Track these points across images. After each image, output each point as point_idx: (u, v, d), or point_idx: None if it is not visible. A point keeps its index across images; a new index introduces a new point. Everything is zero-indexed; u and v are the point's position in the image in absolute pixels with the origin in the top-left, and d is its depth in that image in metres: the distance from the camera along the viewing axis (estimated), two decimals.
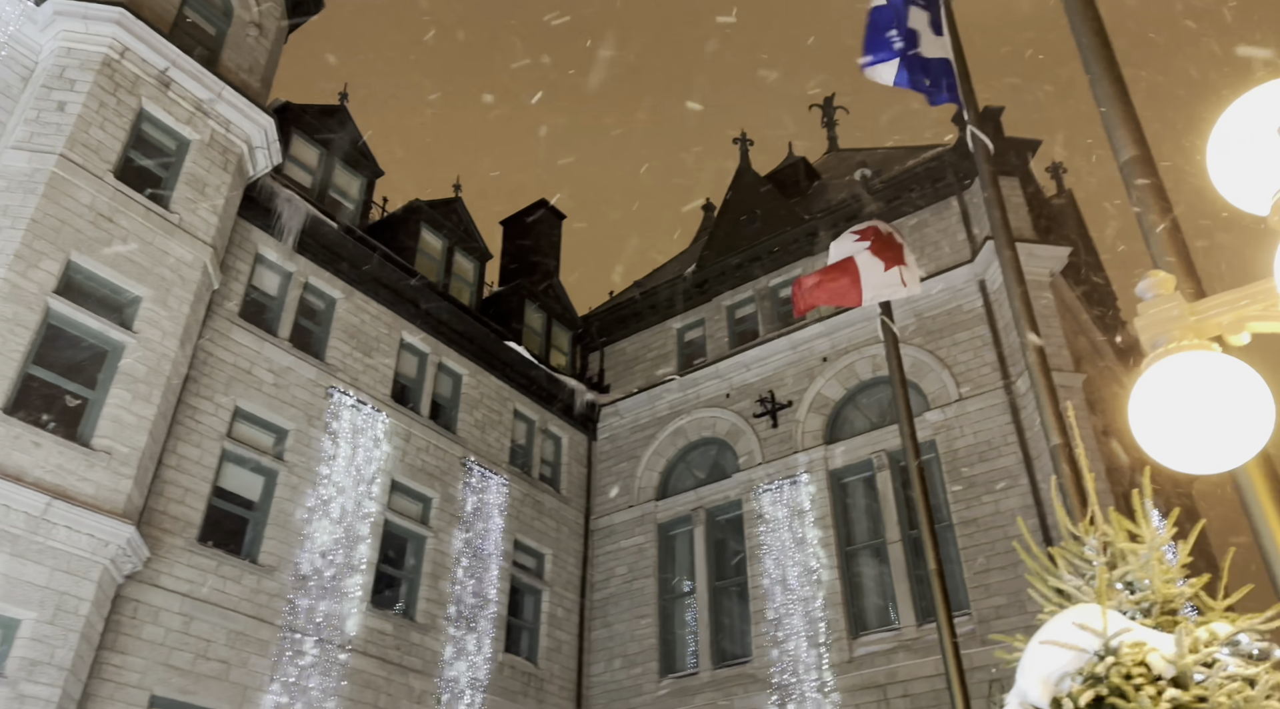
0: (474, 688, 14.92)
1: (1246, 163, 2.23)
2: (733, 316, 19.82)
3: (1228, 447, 2.18)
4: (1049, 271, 15.99)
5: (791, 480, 16.67)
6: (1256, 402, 2.13)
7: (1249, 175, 2.27)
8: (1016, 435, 14.96)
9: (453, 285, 18.39)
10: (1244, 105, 2.21)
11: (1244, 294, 2.22)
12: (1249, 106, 2.20)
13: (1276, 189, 2.20)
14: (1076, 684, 2.73)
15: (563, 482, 18.85)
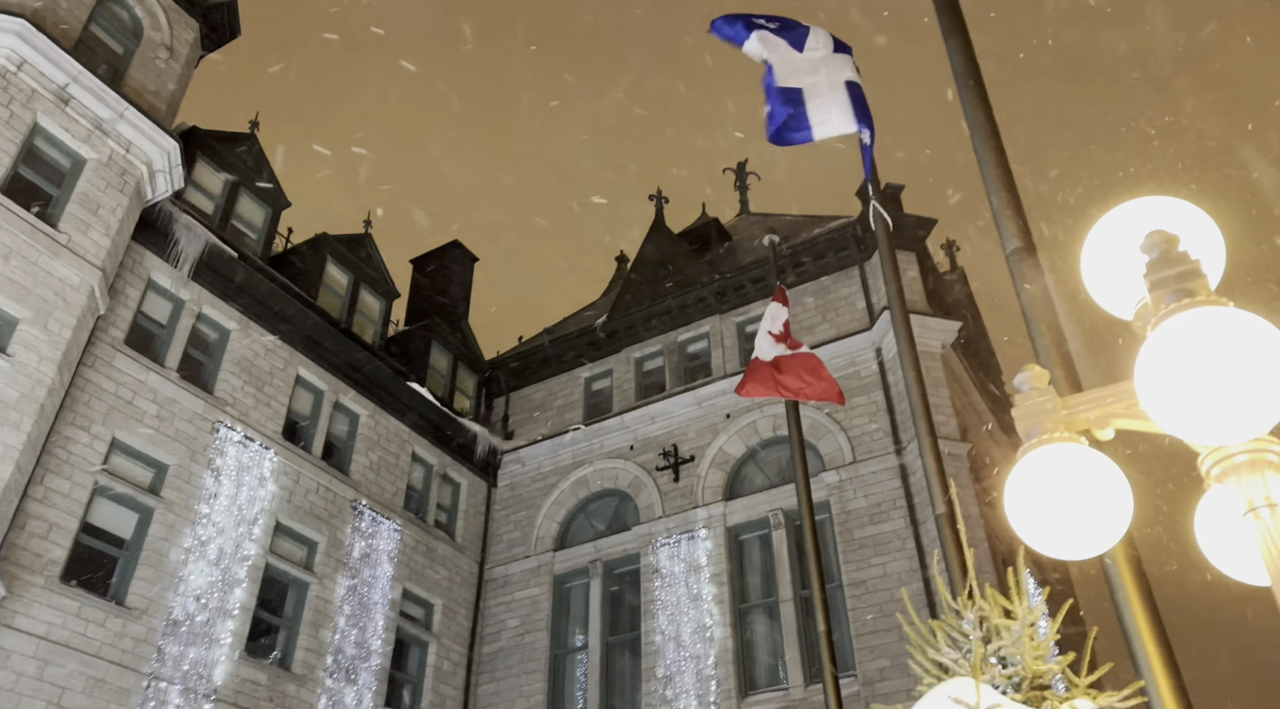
0: None
1: (1113, 273, 2.44)
2: (641, 369, 19.99)
3: (1091, 534, 2.34)
4: (940, 343, 16.76)
5: (690, 535, 16.76)
6: (1117, 493, 2.30)
7: (1116, 284, 2.48)
8: (905, 500, 15.46)
9: (356, 322, 18.00)
10: (1110, 221, 2.43)
11: (1109, 393, 2.41)
12: (1115, 222, 2.42)
13: (1139, 298, 2.41)
14: None
15: (459, 529, 18.45)
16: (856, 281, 18.13)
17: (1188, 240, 2.25)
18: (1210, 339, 1.91)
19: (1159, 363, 1.99)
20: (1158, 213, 2.37)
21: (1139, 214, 2.40)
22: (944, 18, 5.35)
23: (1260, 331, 1.90)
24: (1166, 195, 2.41)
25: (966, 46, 5.14)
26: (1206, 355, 1.91)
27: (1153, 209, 2.38)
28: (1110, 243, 2.43)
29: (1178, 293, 2.08)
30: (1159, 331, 2.02)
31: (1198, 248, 2.26)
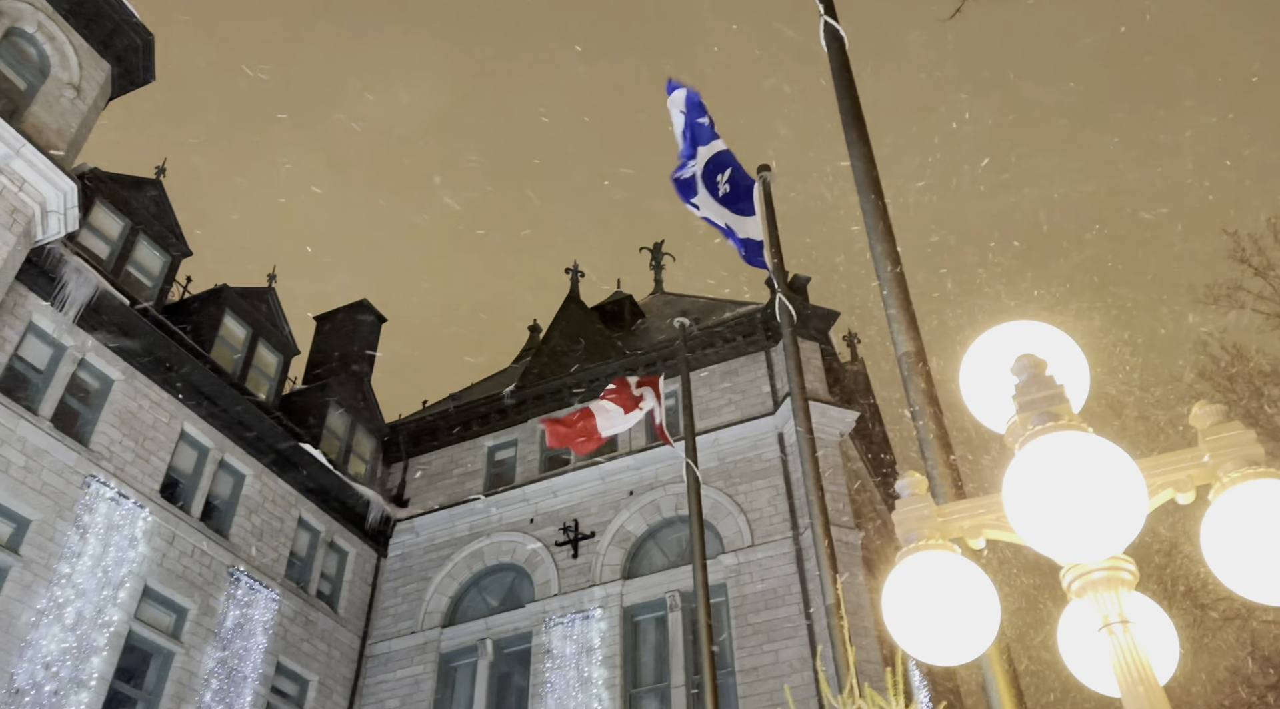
0: None
1: (988, 391, 2.59)
2: (546, 441, 19.79)
3: (960, 641, 2.42)
4: (839, 432, 17.20)
5: (585, 615, 16.44)
6: (984, 602, 2.39)
7: (990, 401, 2.63)
8: (800, 586, 15.58)
9: (251, 378, 17.35)
10: (986, 341, 2.59)
11: (981, 504, 2.52)
12: (990, 343, 2.58)
13: (1009, 416, 2.56)
14: None
15: (342, 600, 17.62)
16: (763, 366, 18.55)
17: (1055, 365, 2.41)
18: (1069, 463, 2.04)
19: (1023, 482, 2.11)
20: (1029, 337, 2.54)
21: (1012, 337, 2.56)
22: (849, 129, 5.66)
23: (1114, 458, 2.05)
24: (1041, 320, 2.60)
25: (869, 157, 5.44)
26: (1065, 478, 2.03)
27: (1024, 333, 2.55)
28: (985, 362, 2.59)
29: (1043, 416, 2.22)
30: (1024, 453, 2.14)
31: (1064, 372, 2.43)
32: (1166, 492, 2.28)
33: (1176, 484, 2.27)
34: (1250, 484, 2.09)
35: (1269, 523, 2.05)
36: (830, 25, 5.78)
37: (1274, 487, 2.07)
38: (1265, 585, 2.09)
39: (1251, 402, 18.01)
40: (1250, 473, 2.11)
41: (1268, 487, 2.07)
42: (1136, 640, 2.13)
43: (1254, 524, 2.07)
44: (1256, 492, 2.08)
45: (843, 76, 5.72)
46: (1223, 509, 2.13)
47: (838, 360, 19.72)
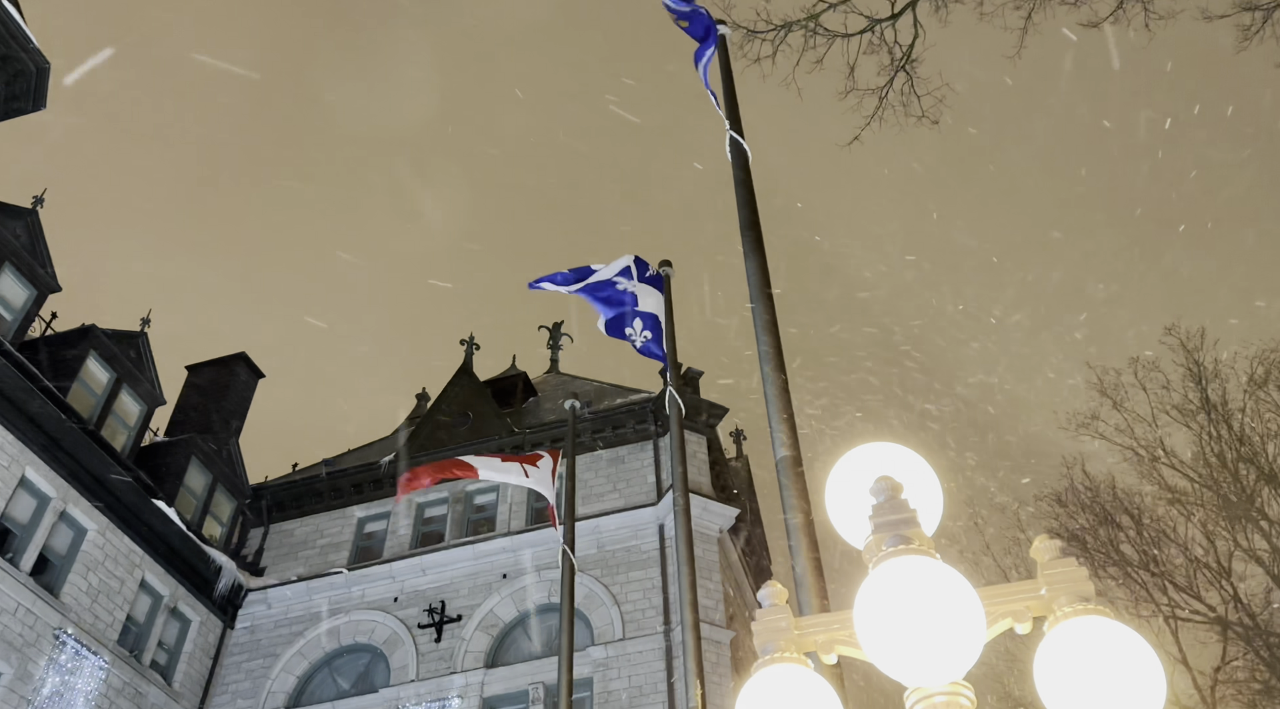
0: None
1: (849, 508, 2.67)
2: (421, 516, 19.16)
3: None
4: (719, 527, 17.31)
5: (442, 704, 15.68)
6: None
7: (852, 517, 2.71)
8: (666, 683, 15.34)
9: (108, 426, 16.26)
10: (849, 461, 2.68)
11: (836, 619, 2.57)
12: (853, 462, 2.67)
13: (867, 533, 2.63)
14: None
15: (178, 673, 16.26)
16: (650, 456, 18.61)
17: (911, 488, 2.51)
18: (914, 588, 2.11)
19: (872, 604, 2.17)
20: (889, 459, 2.64)
21: (873, 458, 2.67)
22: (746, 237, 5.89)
23: (957, 587, 2.13)
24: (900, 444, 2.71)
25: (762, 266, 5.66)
26: (910, 603, 2.10)
27: (885, 455, 2.66)
28: (848, 480, 2.68)
29: (895, 538, 2.30)
30: (874, 574, 2.21)
31: (919, 495, 2.53)
32: (1005, 620, 2.38)
33: (1015, 614, 2.37)
34: (1078, 620, 2.21)
35: (1094, 658, 2.16)
36: (735, 139, 6.09)
37: (1100, 624, 2.18)
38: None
39: (1102, 527, 19.12)
40: (1080, 609, 2.22)
41: (1094, 624, 2.19)
42: None
43: (1080, 658, 2.17)
44: (1084, 628, 2.19)
45: (744, 188, 5.98)
46: (1054, 642, 2.23)
47: (723, 456, 19.98)
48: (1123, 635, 2.14)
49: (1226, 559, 17.78)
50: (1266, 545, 17.31)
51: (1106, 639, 2.14)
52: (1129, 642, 2.14)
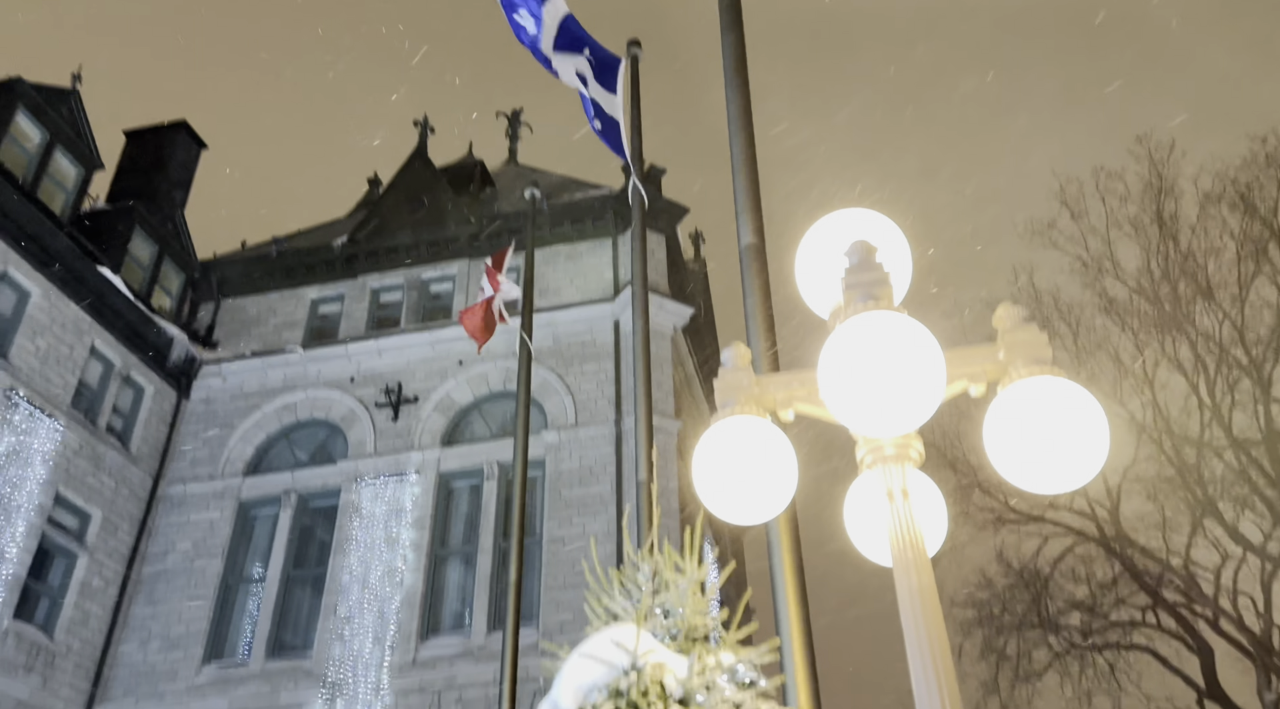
0: None
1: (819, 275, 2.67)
2: (376, 300, 19.11)
3: (760, 501, 2.56)
4: (673, 325, 17.62)
5: (399, 477, 16.35)
6: (786, 468, 2.53)
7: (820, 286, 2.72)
8: (615, 467, 16.13)
9: (45, 188, 15.52)
10: (823, 226, 2.66)
11: (796, 378, 2.64)
12: (826, 228, 2.65)
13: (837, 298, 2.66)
14: (602, 698, 3.00)
15: (135, 438, 16.58)
16: (608, 253, 18.54)
17: (884, 253, 2.51)
18: (881, 340, 2.15)
19: (837, 355, 2.22)
20: (863, 224, 2.62)
21: (848, 223, 2.64)
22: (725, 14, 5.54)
23: (922, 340, 2.17)
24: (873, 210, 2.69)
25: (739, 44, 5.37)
26: (876, 354, 2.15)
27: (860, 221, 2.64)
28: (820, 246, 2.66)
29: (865, 296, 2.32)
30: (841, 328, 2.24)
31: (891, 262, 2.54)
32: (961, 382, 2.46)
33: (971, 376, 2.45)
34: (1033, 379, 2.29)
35: (1045, 416, 2.26)
36: None
37: (1054, 383, 2.27)
38: (1035, 474, 2.32)
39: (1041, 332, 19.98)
40: (1036, 369, 2.30)
41: (1049, 383, 2.27)
42: (913, 512, 2.32)
43: (1032, 417, 2.27)
44: (1038, 387, 2.28)
45: None
46: (1006, 401, 2.32)
47: (681, 257, 20.00)
48: (1073, 394, 2.23)
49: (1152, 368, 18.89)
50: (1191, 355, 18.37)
51: (1057, 397, 2.23)
52: (1079, 400, 2.23)
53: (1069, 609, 20.07)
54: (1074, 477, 2.26)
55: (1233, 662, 18.39)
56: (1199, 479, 18.11)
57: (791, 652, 3.31)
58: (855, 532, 2.76)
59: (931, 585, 2.23)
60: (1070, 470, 2.25)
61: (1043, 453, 2.26)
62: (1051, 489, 2.32)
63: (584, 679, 3.09)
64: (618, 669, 3.06)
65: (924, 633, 2.16)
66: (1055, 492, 2.32)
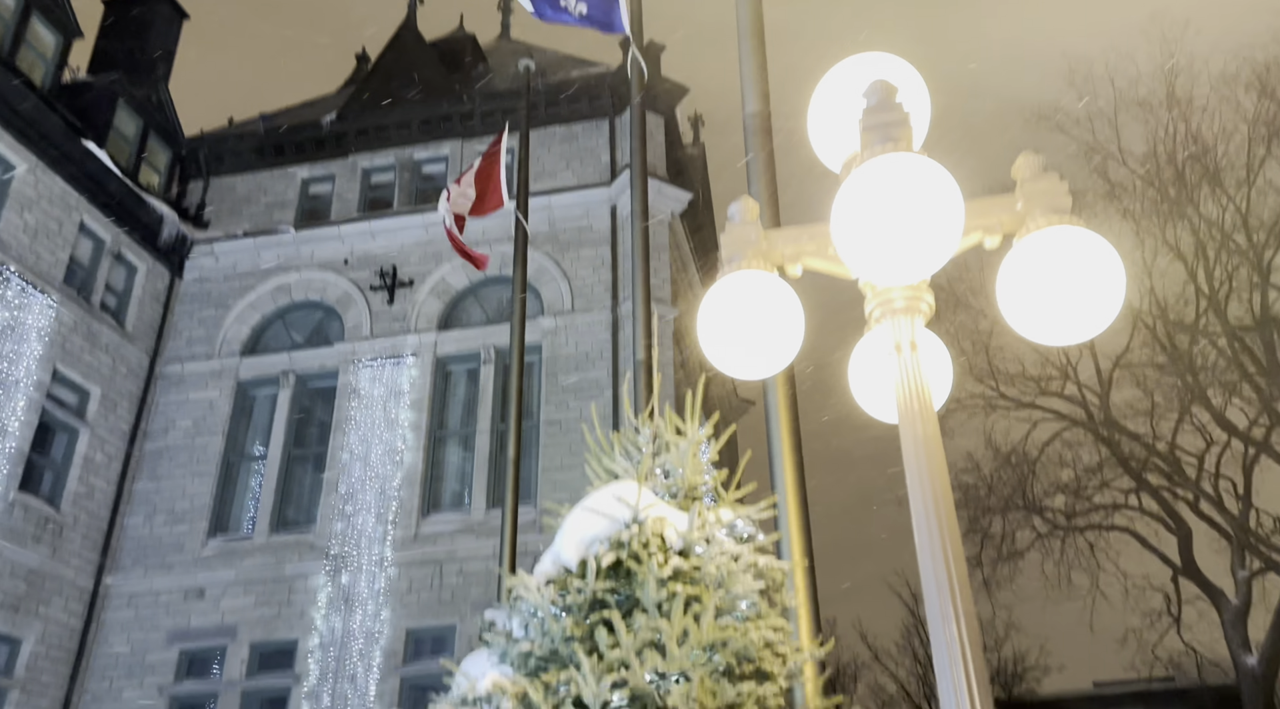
0: None
1: (833, 123, 2.56)
2: (368, 181, 18.72)
3: (764, 358, 2.53)
4: (671, 211, 17.34)
5: (396, 360, 16.41)
6: (792, 322, 2.49)
7: (834, 135, 2.61)
8: (611, 352, 16.18)
9: (23, 56, 14.90)
10: (837, 73, 2.53)
11: (806, 232, 2.57)
12: (840, 75, 2.52)
13: (851, 152, 2.56)
14: (603, 549, 3.07)
15: (130, 316, 16.52)
16: (605, 135, 18.06)
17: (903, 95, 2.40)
18: (900, 182, 2.07)
19: (852, 199, 2.14)
20: (883, 67, 2.49)
21: (866, 67, 2.51)
22: None
23: (942, 183, 2.09)
24: None
25: None
26: (893, 197, 2.07)
27: (879, 64, 2.51)
28: (836, 93, 2.54)
29: (884, 138, 2.23)
30: (859, 171, 2.15)
31: (910, 105, 2.43)
32: (976, 234, 2.40)
33: (987, 228, 2.38)
34: (1051, 230, 2.22)
35: (1062, 265, 2.20)
36: None
37: (1072, 233, 2.20)
38: (1049, 326, 2.28)
39: None
40: (1055, 219, 2.23)
41: (1066, 233, 2.20)
42: (920, 365, 2.29)
43: (1049, 266, 2.22)
44: (1055, 237, 2.21)
45: None
46: (1023, 251, 2.26)
47: (680, 140, 19.51)
48: (1090, 242, 2.17)
49: (1150, 257, 18.78)
50: (1191, 241, 18.25)
51: (1075, 246, 2.17)
52: (1097, 248, 2.17)
53: (1053, 492, 20.63)
54: (1088, 326, 2.22)
55: (1209, 542, 19.06)
56: (1190, 366, 18.28)
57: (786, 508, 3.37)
58: (860, 389, 2.75)
59: (936, 435, 2.22)
60: (1084, 320, 2.21)
61: (1058, 303, 2.21)
62: (1064, 340, 2.29)
63: (586, 532, 3.15)
64: (619, 522, 3.11)
65: (928, 481, 2.17)
66: (1068, 342, 2.29)
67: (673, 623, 2.83)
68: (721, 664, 2.88)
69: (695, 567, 2.99)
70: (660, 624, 2.84)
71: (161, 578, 15.09)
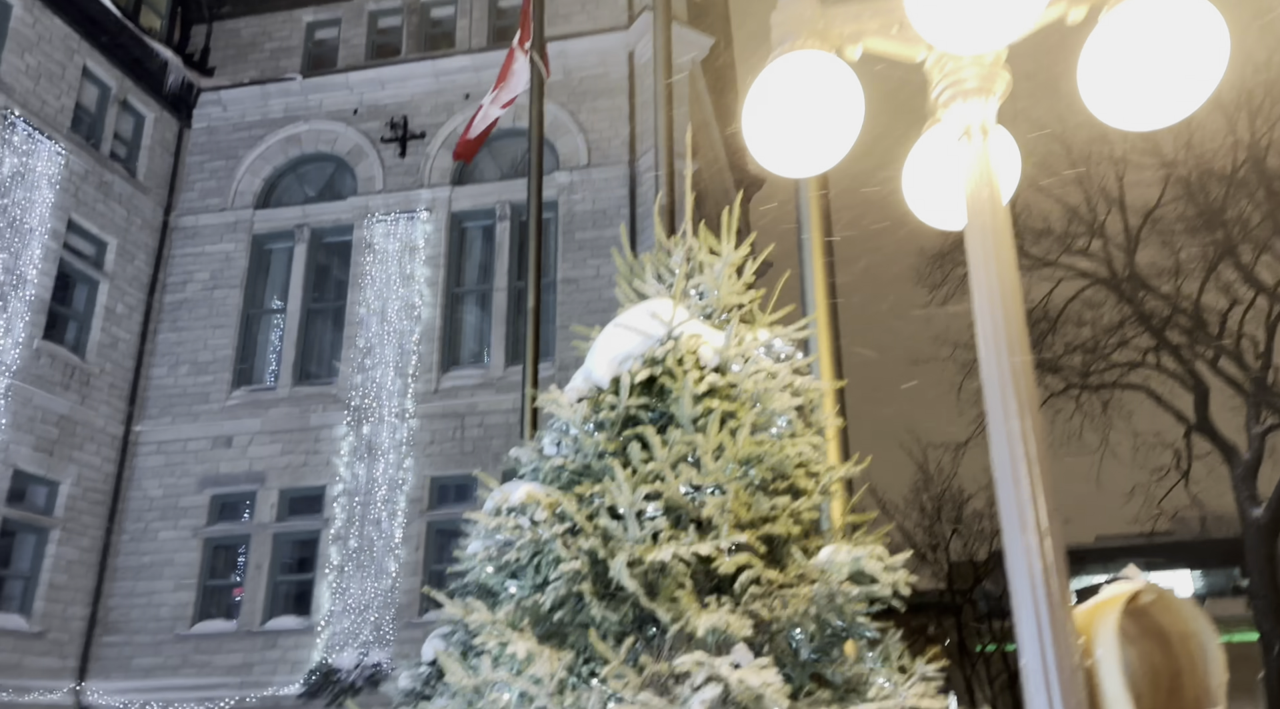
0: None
1: None
2: (375, 25, 17.90)
3: (818, 150, 2.34)
4: (691, 59, 16.55)
5: (410, 215, 16.16)
6: (850, 110, 2.28)
7: None
8: (629, 208, 15.86)
9: None
10: None
11: (870, 8, 2.32)
12: None
13: None
14: (637, 366, 2.98)
15: (141, 166, 16.22)
16: None
17: None
18: None
19: None
20: None
21: None
22: None
23: None
24: None
25: None
26: None
27: None
28: None
29: None
30: None
31: None
32: (1061, 4, 2.15)
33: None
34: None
35: (1156, 36, 1.97)
36: None
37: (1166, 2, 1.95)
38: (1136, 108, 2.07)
39: None
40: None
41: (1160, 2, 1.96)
42: (992, 151, 2.10)
43: (1141, 37, 1.98)
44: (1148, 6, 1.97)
45: None
46: (1113, 22, 2.02)
47: None
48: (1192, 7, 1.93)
49: None
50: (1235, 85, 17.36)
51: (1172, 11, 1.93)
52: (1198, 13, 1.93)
53: (1070, 352, 20.57)
54: (1182, 104, 2.01)
55: (1225, 399, 19.12)
56: (1222, 220, 17.80)
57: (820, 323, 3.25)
58: (914, 194, 2.57)
59: (1007, 226, 2.06)
60: (1179, 98, 2.00)
61: (1150, 80, 1.99)
62: (1154, 122, 2.08)
63: (619, 349, 3.05)
64: (653, 339, 3.01)
65: (995, 275, 2.02)
66: (1157, 125, 2.08)
67: (708, 438, 2.76)
68: (757, 479, 2.84)
69: (731, 384, 2.90)
70: (695, 439, 2.78)
71: (189, 426, 15.45)
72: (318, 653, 13.69)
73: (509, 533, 2.87)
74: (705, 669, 2.33)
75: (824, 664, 2.72)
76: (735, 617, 2.54)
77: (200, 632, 14.25)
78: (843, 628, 2.70)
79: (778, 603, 2.66)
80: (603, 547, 2.69)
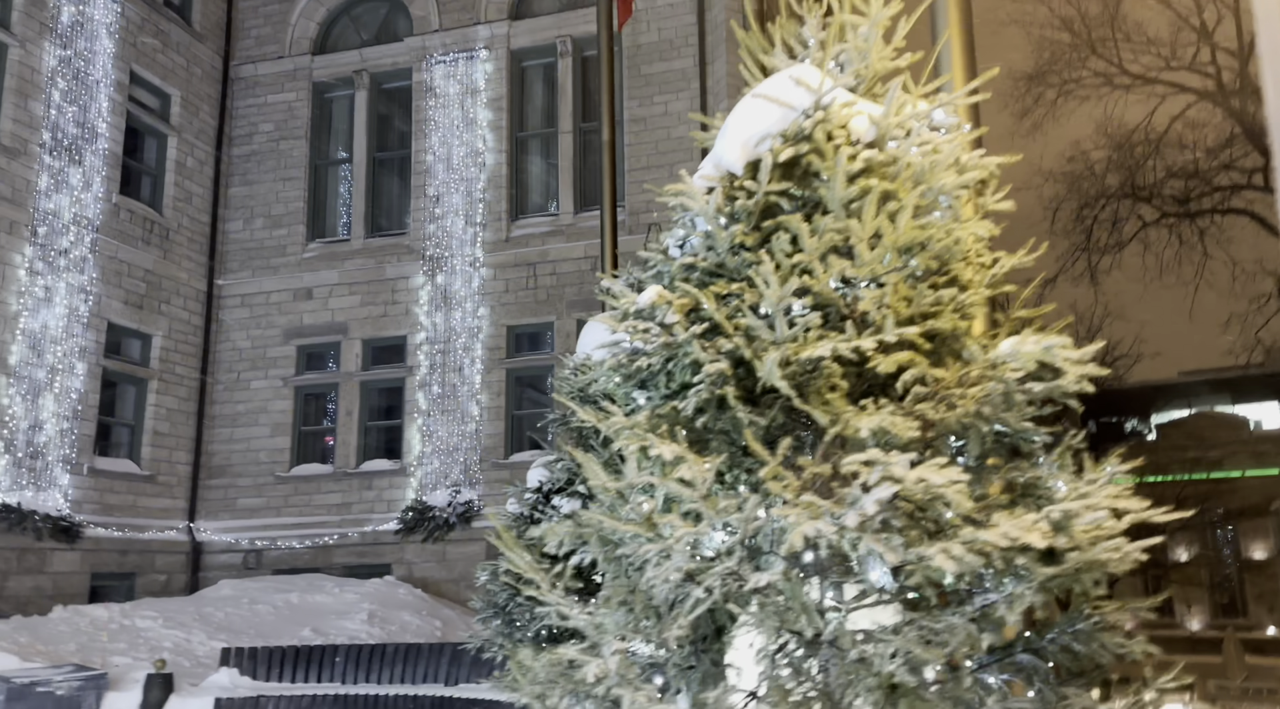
0: (80, 226, 13.06)
1: None
2: None
3: None
4: None
5: (469, 55, 15.46)
6: None
7: None
8: (698, 38, 14.89)
9: None
10: None
11: None
12: None
13: None
14: (779, 143, 2.62)
15: (195, 13, 15.71)
16: None
17: None
18: None
19: None
20: None
21: None
22: None
23: None
24: None
25: None
26: None
27: None
28: None
29: None
30: None
31: None
32: None
33: None
34: None
35: None
36: None
37: None
38: None
39: None
40: None
41: None
42: None
43: None
44: None
45: None
46: None
47: None
48: None
49: None
50: None
51: None
52: None
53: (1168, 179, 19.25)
54: None
55: None
56: None
57: None
58: None
59: None
60: None
61: None
62: None
63: (755, 127, 2.67)
64: (796, 111, 2.63)
65: None
66: None
67: (864, 223, 2.42)
68: (919, 269, 2.51)
69: (891, 159, 2.52)
70: (849, 225, 2.44)
71: (269, 280, 15.63)
72: (411, 492, 14.24)
73: (638, 338, 2.64)
74: (879, 468, 2.09)
75: (993, 470, 2.47)
76: (901, 418, 2.28)
77: (299, 474, 14.90)
78: (1017, 431, 2.43)
79: (943, 405, 2.40)
80: (747, 347, 2.43)
